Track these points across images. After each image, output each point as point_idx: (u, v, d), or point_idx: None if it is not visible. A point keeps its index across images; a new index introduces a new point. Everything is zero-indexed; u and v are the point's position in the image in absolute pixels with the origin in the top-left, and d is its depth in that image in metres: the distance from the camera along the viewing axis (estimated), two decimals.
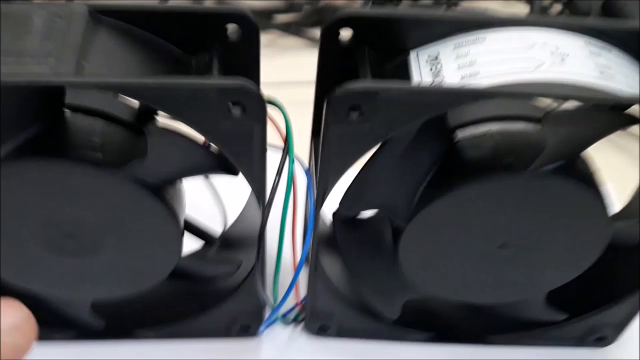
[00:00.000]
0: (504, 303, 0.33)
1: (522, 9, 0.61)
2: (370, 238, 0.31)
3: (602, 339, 0.35)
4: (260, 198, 0.28)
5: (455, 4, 0.61)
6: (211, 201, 0.39)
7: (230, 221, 0.38)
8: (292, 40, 0.55)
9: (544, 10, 0.59)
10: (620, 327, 0.35)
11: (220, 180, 0.39)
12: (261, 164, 0.27)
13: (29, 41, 0.24)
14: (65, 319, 0.35)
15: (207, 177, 0.39)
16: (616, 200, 0.33)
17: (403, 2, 0.58)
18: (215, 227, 0.37)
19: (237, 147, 0.26)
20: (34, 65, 0.23)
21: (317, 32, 0.28)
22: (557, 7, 0.60)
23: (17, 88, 0.24)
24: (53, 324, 0.35)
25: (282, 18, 0.56)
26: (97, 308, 0.35)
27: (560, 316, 0.34)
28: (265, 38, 0.53)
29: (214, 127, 0.24)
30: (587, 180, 0.27)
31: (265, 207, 0.28)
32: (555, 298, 0.34)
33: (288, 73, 0.29)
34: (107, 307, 0.35)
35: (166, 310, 0.36)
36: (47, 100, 0.27)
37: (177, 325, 0.35)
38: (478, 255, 0.29)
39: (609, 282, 0.33)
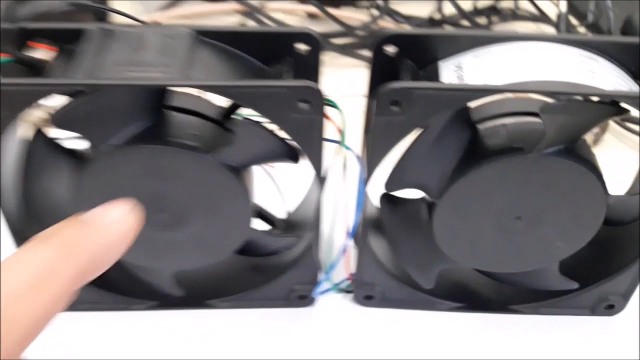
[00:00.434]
0: (524, 273, 0.39)
1: (550, 30, 0.67)
2: (410, 216, 0.38)
3: (611, 307, 0.41)
4: (319, 177, 0.35)
5: (488, 28, 0.68)
6: (273, 193, 0.47)
7: (288, 210, 0.45)
8: (346, 60, 0.63)
9: (569, 31, 0.66)
10: (626, 295, 0.40)
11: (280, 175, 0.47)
12: (320, 148, 0.33)
13: (147, 55, 0.32)
14: (149, 290, 0.42)
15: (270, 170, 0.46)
16: None
17: (444, 26, 0.66)
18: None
19: (302, 135, 0.33)
20: (152, 72, 0.31)
21: (367, 53, 0.35)
22: (581, 29, 0.66)
23: (139, 89, 0.32)
24: (140, 295, 0.42)
25: (338, 41, 0.64)
26: (177, 279, 0.42)
27: (573, 285, 0.39)
28: (323, 57, 0.61)
29: (285, 118, 0.32)
30: (584, 161, 0.33)
31: (321, 184, 0.35)
32: (568, 270, 0.39)
33: (343, 87, 0.35)
34: (185, 279, 0.42)
35: (234, 282, 0.42)
36: (156, 101, 0.34)
37: (244, 295, 0.42)
38: (498, 228, 0.36)
39: (613, 255, 0.39)
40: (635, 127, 0.56)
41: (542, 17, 0.67)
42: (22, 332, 0.18)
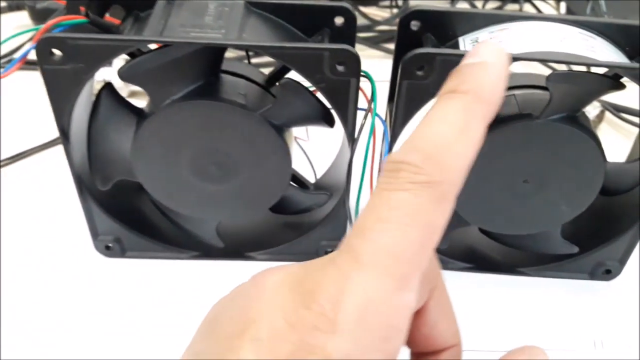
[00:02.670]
0: (529, 236, 0.43)
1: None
2: None
3: (609, 272, 0.45)
4: (350, 138, 0.39)
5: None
6: (304, 162, 0.51)
7: (317, 176, 0.50)
8: (371, 52, 0.70)
9: None
10: (622, 261, 0.44)
11: (310, 147, 0.51)
12: (353, 110, 0.38)
13: (207, 19, 0.37)
14: (193, 241, 0.46)
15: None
16: None
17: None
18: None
19: (338, 96, 0.37)
20: (212, 34, 0.36)
21: (390, 46, 0.40)
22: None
23: (199, 49, 0.37)
24: (184, 245, 0.47)
25: (363, 34, 0.71)
26: (219, 232, 0.47)
27: (574, 249, 0.44)
28: None
29: (324, 79, 0.36)
30: (585, 129, 0.37)
31: (353, 144, 0.39)
32: (569, 236, 0.44)
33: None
34: (226, 232, 0.47)
35: (270, 237, 0.47)
36: (212, 63, 0.39)
37: (278, 249, 0.46)
38: (508, 190, 0.40)
39: (610, 223, 0.43)
40: (630, 118, 0.60)
41: None
42: (458, 174, 0.19)
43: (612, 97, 0.61)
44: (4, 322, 0.41)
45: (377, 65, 0.42)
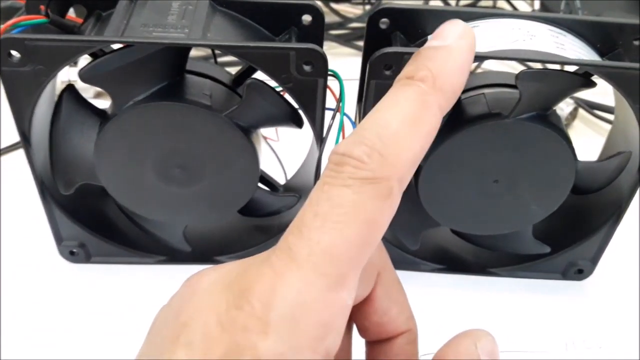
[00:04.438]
0: (501, 237, 0.43)
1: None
2: None
3: (581, 272, 0.45)
4: (319, 138, 0.39)
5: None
6: (273, 163, 0.51)
7: (287, 177, 0.49)
8: (343, 49, 0.69)
9: None
10: (594, 261, 0.44)
11: (280, 147, 0.51)
12: (321, 111, 0.37)
13: (170, 18, 0.36)
14: (160, 245, 0.45)
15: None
16: None
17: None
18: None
19: (305, 96, 0.36)
20: (175, 33, 0.35)
21: (361, 43, 0.39)
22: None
23: (161, 49, 0.36)
24: (150, 250, 0.46)
25: (335, 32, 0.70)
26: (187, 235, 0.46)
27: (545, 249, 0.43)
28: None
29: (290, 79, 0.35)
30: (555, 128, 0.37)
31: (322, 145, 0.39)
32: (541, 236, 0.43)
33: (340, 73, 0.40)
34: (194, 235, 0.46)
35: (239, 240, 0.46)
36: (175, 63, 0.38)
37: (247, 253, 0.45)
38: (478, 190, 0.40)
39: (582, 223, 0.43)
40: (604, 115, 0.61)
41: None
42: (406, 170, 0.19)
43: (586, 94, 0.61)
44: None
45: (348, 63, 0.42)
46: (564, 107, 0.59)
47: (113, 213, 0.45)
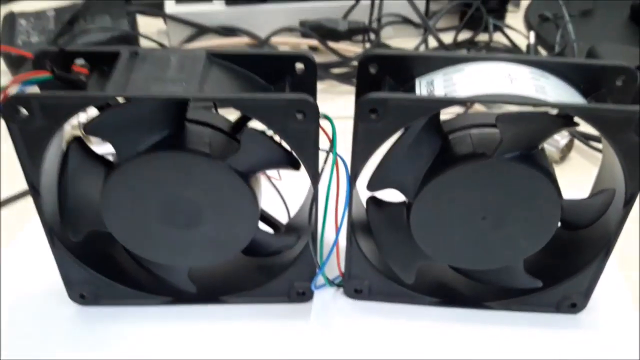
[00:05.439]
0: (494, 271, 0.44)
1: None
2: (393, 216, 0.43)
3: (574, 306, 0.45)
4: (313, 180, 0.40)
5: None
6: (277, 201, 0.52)
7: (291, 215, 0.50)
8: (344, 87, 0.72)
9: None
10: (586, 294, 0.45)
11: (284, 185, 0.52)
12: (315, 154, 0.39)
13: (169, 72, 0.38)
14: (166, 287, 0.47)
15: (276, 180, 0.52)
16: None
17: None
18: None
19: (299, 142, 0.38)
20: (173, 87, 0.37)
21: None
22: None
23: (161, 101, 0.38)
24: (157, 291, 0.47)
25: (336, 70, 0.73)
26: (191, 276, 0.47)
27: (537, 283, 0.44)
28: (323, 85, 0.69)
29: (285, 127, 0.37)
30: (539, 167, 0.38)
31: (316, 185, 0.40)
32: (533, 270, 0.44)
33: (340, 110, 0.41)
34: (198, 276, 0.47)
35: (242, 280, 0.47)
36: (175, 113, 0.40)
37: (250, 292, 0.47)
38: (467, 226, 0.41)
39: (574, 257, 0.44)
40: (599, 146, 0.62)
41: (513, 49, 0.75)
42: None
43: (582, 125, 0.62)
44: None
45: (349, 101, 0.43)
46: (559, 139, 0.60)
47: (120, 257, 0.46)
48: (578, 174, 0.41)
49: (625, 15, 0.86)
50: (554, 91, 0.37)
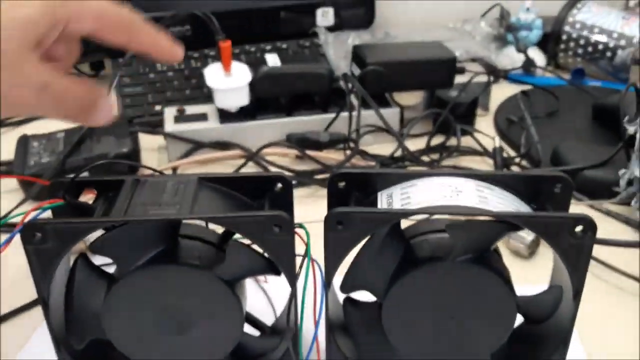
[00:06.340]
0: None
1: (488, 162, 0.82)
2: (369, 316, 0.47)
3: None
4: (291, 283, 0.45)
5: (439, 162, 0.82)
6: (264, 303, 0.57)
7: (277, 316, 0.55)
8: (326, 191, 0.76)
9: (506, 163, 0.79)
10: None
11: (271, 287, 0.57)
12: (291, 261, 0.44)
13: (164, 196, 0.44)
14: None
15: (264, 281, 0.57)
16: None
17: (404, 162, 0.80)
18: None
19: (277, 251, 0.43)
20: (167, 209, 0.43)
21: None
22: (517, 159, 0.81)
23: (157, 222, 0.43)
24: None
25: (320, 176, 0.79)
26: None
27: None
28: (310, 189, 0.75)
29: (264, 239, 0.43)
30: (492, 268, 0.43)
31: (293, 289, 0.45)
32: None
33: (322, 213, 0.43)
34: None
35: None
36: (170, 231, 0.46)
37: None
38: (434, 324, 0.45)
39: (536, 348, 0.48)
40: None
41: (481, 151, 0.81)
42: None
43: None
44: None
45: None
46: (525, 236, 0.65)
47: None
48: (549, 268, 0.45)
49: (589, 115, 0.93)
50: (497, 201, 0.42)
